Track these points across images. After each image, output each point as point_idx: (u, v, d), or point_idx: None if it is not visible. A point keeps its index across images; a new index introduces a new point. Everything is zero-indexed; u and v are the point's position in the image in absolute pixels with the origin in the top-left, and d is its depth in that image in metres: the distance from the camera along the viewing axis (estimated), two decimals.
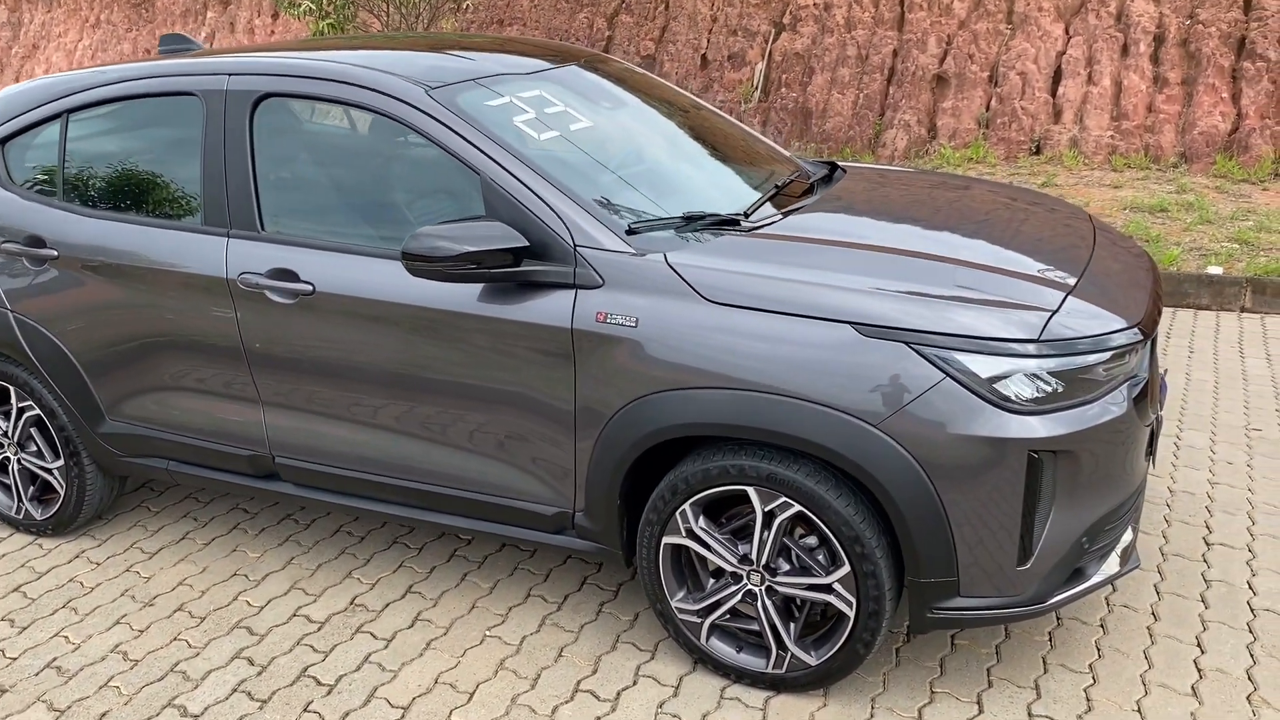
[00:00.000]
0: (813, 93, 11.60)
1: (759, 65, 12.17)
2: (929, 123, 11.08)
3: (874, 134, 11.19)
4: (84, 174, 3.56)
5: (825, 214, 3.28)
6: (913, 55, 11.34)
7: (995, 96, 10.77)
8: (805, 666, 2.88)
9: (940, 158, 10.52)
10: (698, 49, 12.37)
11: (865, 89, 11.44)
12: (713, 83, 12.16)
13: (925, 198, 3.58)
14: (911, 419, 2.58)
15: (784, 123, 11.64)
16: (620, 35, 12.77)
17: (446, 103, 3.07)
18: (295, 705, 2.97)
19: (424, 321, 3.02)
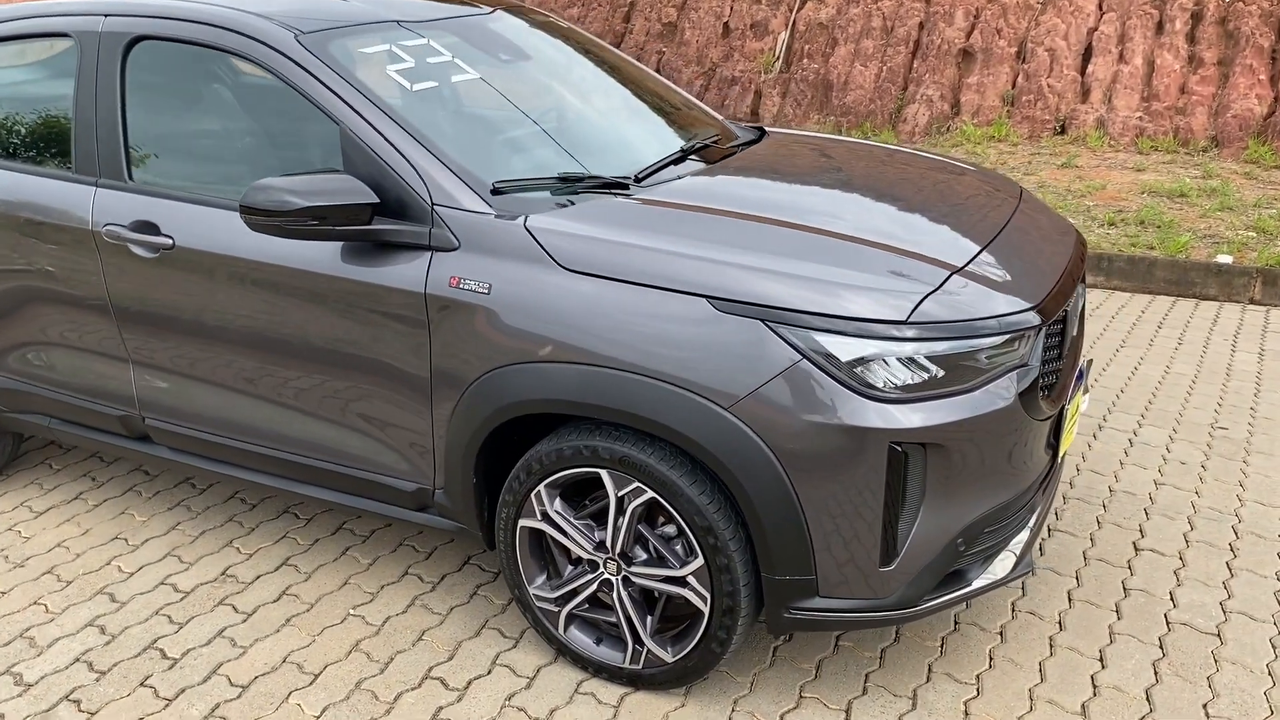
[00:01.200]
0: (834, 64, 11.27)
1: (782, 35, 11.85)
2: (952, 98, 10.73)
3: (895, 109, 10.85)
4: None
5: (722, 179, 3.07)
6: (939, 28, 10.97)
7: (1022, 73, 10.39)
8: (661, 663, 2.69)
9: (961, 135, 10.18)
10: (720, 16, 12.07)
11: (889, 62, 11.10)
12: (733, 51, 11.87)
13: (838, 167, 3.33)
14: (764, 403, 2.37)
15: (803, 94, 11.33)
16: (642, 1, 12.51)
17: (315, 48, 2.88)
18: (133, 679, 2.84)
19: (281, 281, 2.85)
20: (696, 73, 11.88)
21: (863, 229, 2.68)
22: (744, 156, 3.30)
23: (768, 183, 3.10)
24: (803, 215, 2.74)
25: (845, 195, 3.03)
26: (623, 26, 12.61)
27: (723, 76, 11.76)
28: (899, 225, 2.78)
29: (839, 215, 2.79)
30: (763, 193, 2.99)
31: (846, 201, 2.97)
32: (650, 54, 12.21)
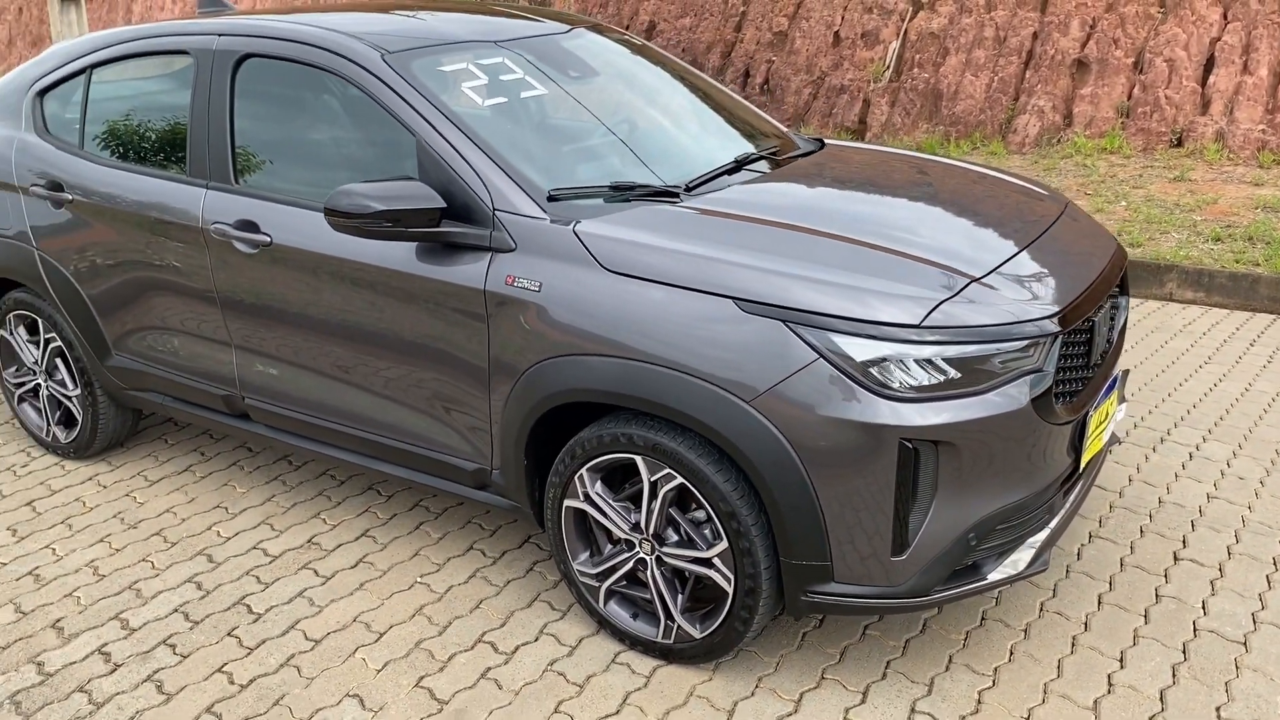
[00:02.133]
0: (945, 74, 11.24)
1: (893, 44, 11.86)
2: (1065, 109, 10.60)
3: (1006, 119, 10.78)
4: (98, 124, 3.85)
5: (766, 188, 3.25)
6: (1053, 38, 10.84)
7: (1138, 84, 10.21)
8: (691, 639, 2.89)
9: (1072, 146, 10.07)
10: (831, 25, 12.15)
11: (1000, 72, 11.02)
12: (843, 60, 11.93)
13: (880, 178, 3.48)
14: (783, 398, 2.55)
15: (912, 104, 11.33)
16: (754, 10, 12.68)
17: (398, 67, 3.18)
18: (221, 629, 3.18)
19: (362, 276, 3.15)
20: (805, 81, 11.99)
21: (891, 237, 2.84)
22: (793, 167, 3.48)
23: (808, 192, 3.27)
24: (834, 223, 2.91)
25: (881, 205, 3.18)
26: (734, 36, 12.79)
27: (831, 85, 11.84)
28: (929, 234, 2.91)
29: (870, 224, 2.94)
30: (801, 201, 3.17)
31: (881, 211, 3.12)
32: (759, 63, 12.36)
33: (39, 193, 3.91)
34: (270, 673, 2.98)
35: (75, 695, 2.91)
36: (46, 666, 3.03)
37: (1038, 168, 9.64)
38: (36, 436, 4.35)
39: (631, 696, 2.85)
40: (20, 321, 4.20)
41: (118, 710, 2.85)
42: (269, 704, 2.86)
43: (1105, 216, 7.68)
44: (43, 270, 3.94)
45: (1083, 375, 2.89)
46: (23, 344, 4.23)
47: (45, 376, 4.21)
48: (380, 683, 2.93)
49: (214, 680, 2.96)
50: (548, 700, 2.84)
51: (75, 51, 3.95)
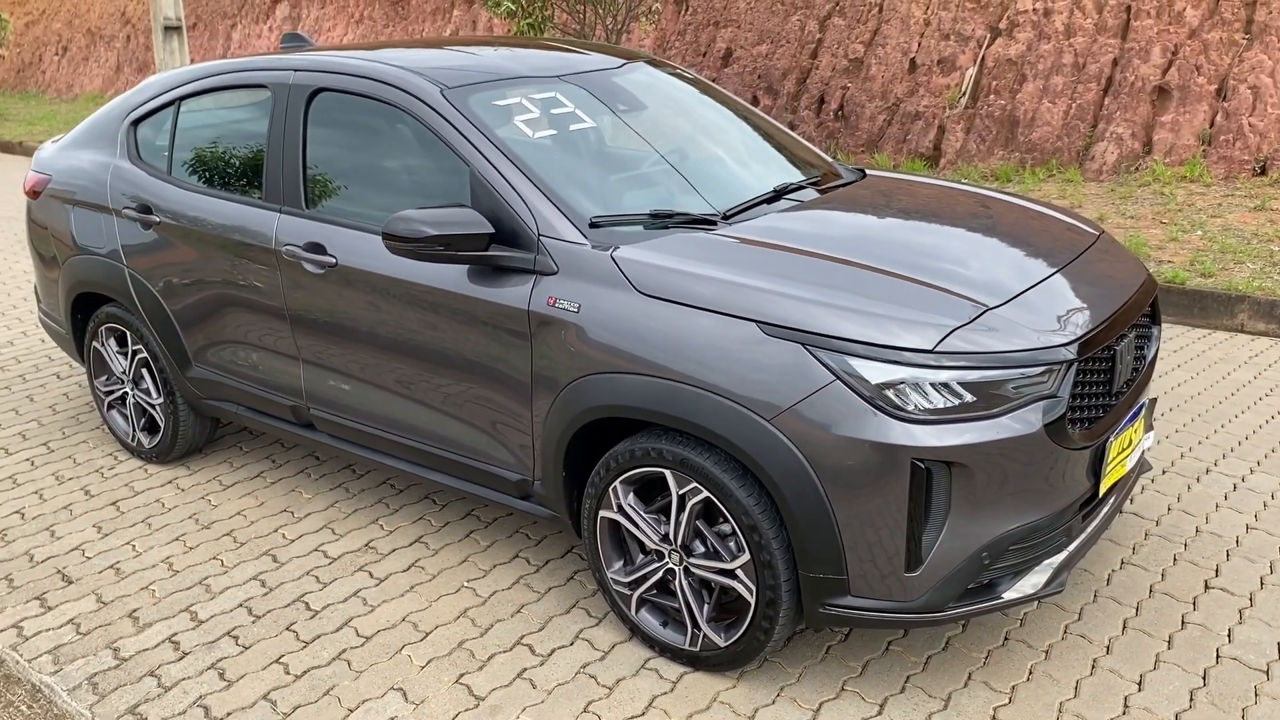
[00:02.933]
0: (1022, 101, 11.21)
1: (969, 70, 11.85)
2: (1144, 137, 10.49)
3: (1083, 146, 10.70)
4: (184, 152, 4.15)
5: (800, 217, 3.38)
6: (1134, 65, 10.75)
7: (1221, 111, 10.08)
8: (716, 647, 3.02)
9: (1150, 174, 9.96)
10: (907, 53, 12.18)
11: (1079, 99, 10.95)
12: (918, 87, 11.95)
13: (914, 208, 3.59)
14: (801, 417, 2.68)
15: (988, 130, 11.31)
16: (830, 38, 12.77)
17: (456, 101, 3.40)
18: (281, 624, 3.40)
19: (419, 296, 3.36)
20: (880, 108, 12.05)
21: (914, 266, 2.95)
22: (829, 197, 3.61)
23: (839, 221, 3.40)
24: (859, 252, 3.03)
25: (909, 234, 3.30)
26: (809, 63, 12.90)
27: (906, 112, 11.88)
28: (953, 263, 3.02)
29: (895, 252, 3.06)
30: (830, 230, 3.29)
31: (908, 240, 3.23)
32: (835, 89, 12.45)
33: (130, 215, 4.22)
34: (323, 665, 3.19)
35: (146, 679, 3.15)
36: (122, 652, 3.28)
37: (1114, 196, 9.58)
38: (123, 441, 4.67)
39: (658, 700, 2.99)
40: (111, 334, 4.52)
41: (183, 694, 3.08)
42: (320, 693, 3.06)
43: (1179, 246, 7.63)
44: (131, 287, 4.25)
45: (1104, 402, 2.96)
46: (113, 355, 4.55)
47: (132, 385, 4.52)
48: (423, 678, 3.11)
49: (271, 670, 3.17)
50: (578, 700, 3.00)
51: (167, 84, 4.27)
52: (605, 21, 11.19)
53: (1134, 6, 11.05)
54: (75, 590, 3.64)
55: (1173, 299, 6.63)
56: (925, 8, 12.43)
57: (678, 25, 14.37)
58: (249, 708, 3.01)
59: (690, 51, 13.99)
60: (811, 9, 13.24)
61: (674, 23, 14.50)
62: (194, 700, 3.05)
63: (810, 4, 13.28)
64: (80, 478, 4.49)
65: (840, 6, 12.96)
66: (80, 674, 3.19)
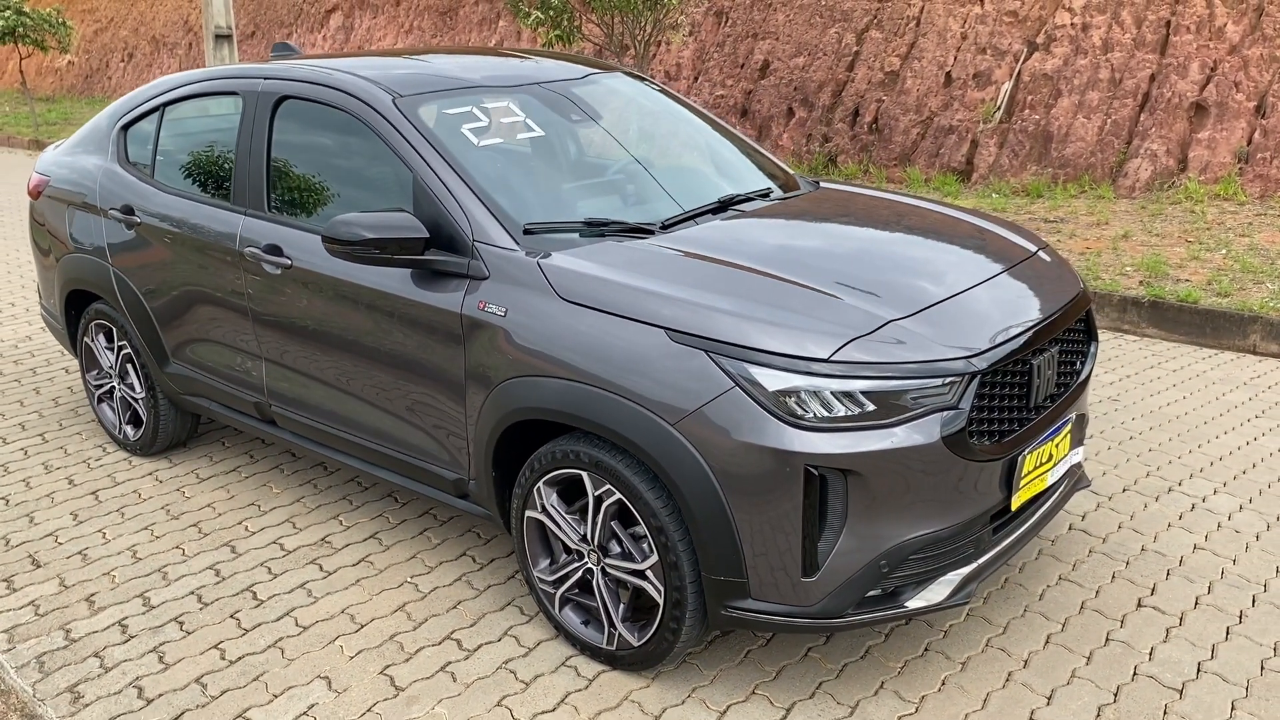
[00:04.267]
0: (1056, 116, 11.11)
1: (1005, 85, 11.77)
2: (1179, 154, 10.35)
3: (1117, 163, 10.58)
4: (165, 156, 4.32)
5: (734, 227, 3.43)
6: (1171, 81, 10.61)
7: (1260, 129, 9.90)
8: (630, 646, 3.08)
9: (1183, 192, 9.81)
10: (943, 66, 12.13)
11: (1114, 114, 10.83)
12: (953, 101, 11.90)
13: (854, 220, 3.63)
14: (702, 423, 2.74)
15: (1021, 145, 11.22)
16: (867, 51, 12.76)
17: (405, 109, 3.51)
18: (226, 611, 3.53)
19: (363, 298, 3.47)
20: (914, 121, 12.00)
21: (828, 278, 2.99)
22: (771, 208, 3.66)
23: (772, 232, 3.45)
24: (780, 262, 3.08)
25: (836, 246, 3.34)
26: (845, 75, 12.89)
27: (940, 126, 11.82)
28: (871, 274, 3.05)
29: (814, 263, 3.10)
30: (760, 240, 3.34)
31: (834, 252, 3.27)
32: (869, 102, 12.43)
33: (115, 215, 4.40)
34: (257, 652, 3.30)
35: (90, 659, 3.29)
36: (73, 633, 3.43)
37: (1144, 213, 9.46)
38: (111, 434, 4.85)
39: (571, 696, 3.05)
40: (100, 330, 4.70)
41: (121, 674, 3.21)
42: (249, 679, 3.17)
43: (1200, 265, 7.52)
44: (115, 284, 4.42)
45: (1018, 416, 2.97)
46: (101, 350, 4.74)
47: (118, 380, 4.70)
48: (350, 668, 3.21)
49: (208, 655, 3.30)
50: (493, 694, 3.07)
51: (153, 91, 4.44)
52: (634, 33, 11.29)
53: (1174, 22, 10.91)
54: (41, 574, 3.80)
55: (1184, 319, 6.55)
56: (963, 21, 12.37)
57: (717, 37, 14.45)
58: (180, 689, 3.13)
59: (728, 64, 14.06)
60: (849, 22, 13.24)
61: (713, 35, 14.57)
62: (130, 681, 3.18)
63: (848, 17, 13.28)
64: (67, 468, 4.67)
65: (878, 19, 12.95)
66: (30, 653, 3.33)
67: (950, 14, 12.33)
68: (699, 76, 14.31)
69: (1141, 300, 6.72)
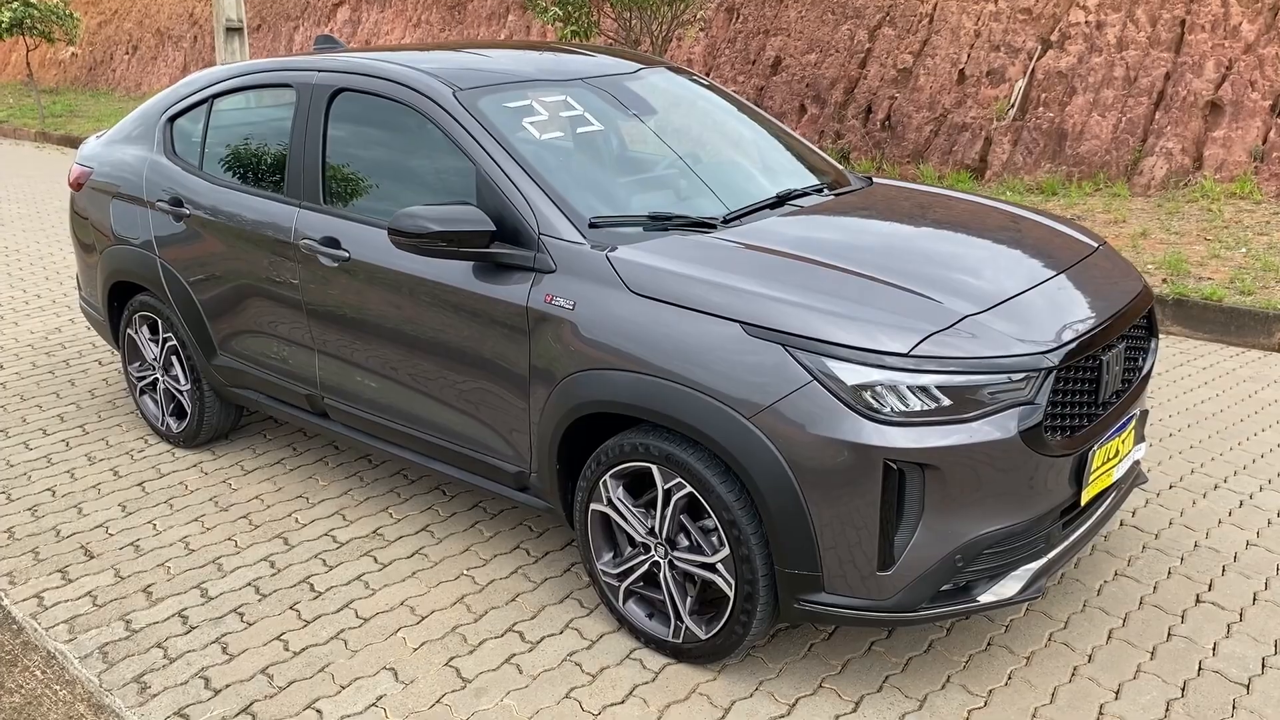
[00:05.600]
0: (1070, 114, 11.11)
1: (1019, 82, 11.77)
2: (1194, 152, 10.37)
3: (1132, 161, 10.59)
4: (215, 148, 4.31)
5: (796, 222, 3.44)
6: (1186, 79, 10.62)
7: (1275, 127, 9.92)
8: (697, 640, 3.09)
9: (1199, 190, 9.83)
10: (956, 64, 12.14)
11: (1129, 113, 10.84)
12: (966, 98, 11.90)
13: (912, 215, 3.65)
14: (779, 416, 2.75)
15: (1035, 143, 11.23)
16: (879, 47, 12.76)
17: (466, 103, 3.51)
18: (285, 602, 3.53)
19: (426, 291, 3.47)
20: (927, 118, 12.01)
21: (899, 272, 3.00)
22: (831, 203, 3.67)
23: (836, 227, 3.46)
24: (849, 257, 3.09)
25: (902, 241, 3.35)
26: (858, 72, 12.89)
27: (953, 123, 11.83)
28: (942, 270, 3.06)
29: (884, 258, 3.11)
30: (826, 235, 3.36)
31: (900, 246, 3.28)
32: (882, 99, 12.43)
33: (163, 207, 4.39)
34: (321, 644, 3.31)
35: (153, 650, 3.29)
36: (134, 624, 3.43)
37: (1160, 211, 9.48)
38: (153, 425, 4.85)
39: (638, 689, 3.06)
40: (144, 322, 4.70)
41: (186, 665, 3.21)
42: (315, 670, 3.18)
43: (1221, 263, 7.54)
44: (163, 276, 4.42)
45: (1088, 411, 2.99)
46: (145, 342, 4.73)
47: (162, 372, 4.70)
48: (415, 659, 3.22)
49: (271, 646, 3.30)
50: (561, 686, 3.08)
51: (201, 83, 4.44)
52: (651, 28, 11.29)
53: (1189, 20, 10.92)
54: (95, 565, 3.80)
55: (1208, 317, 6.57)
56: (976, 19, 12.37)
57: (728, 33, 14.44)
58: (247, 680, 3.14)
59: (740, 60, 14.05)
60: (862, 18, 13.23)
61: (724, 31, 14.56)
62: (196, 671, 3.18)
63: (860, 13, 13.27)
64: (111, 459, 4.67)
65: (891, 16, 12.95)
66: (93, 643, 3.34)
67: (964, 11, 12.33)
68: (710, 72, 14.30)
69: (1166, 298, 6.74)
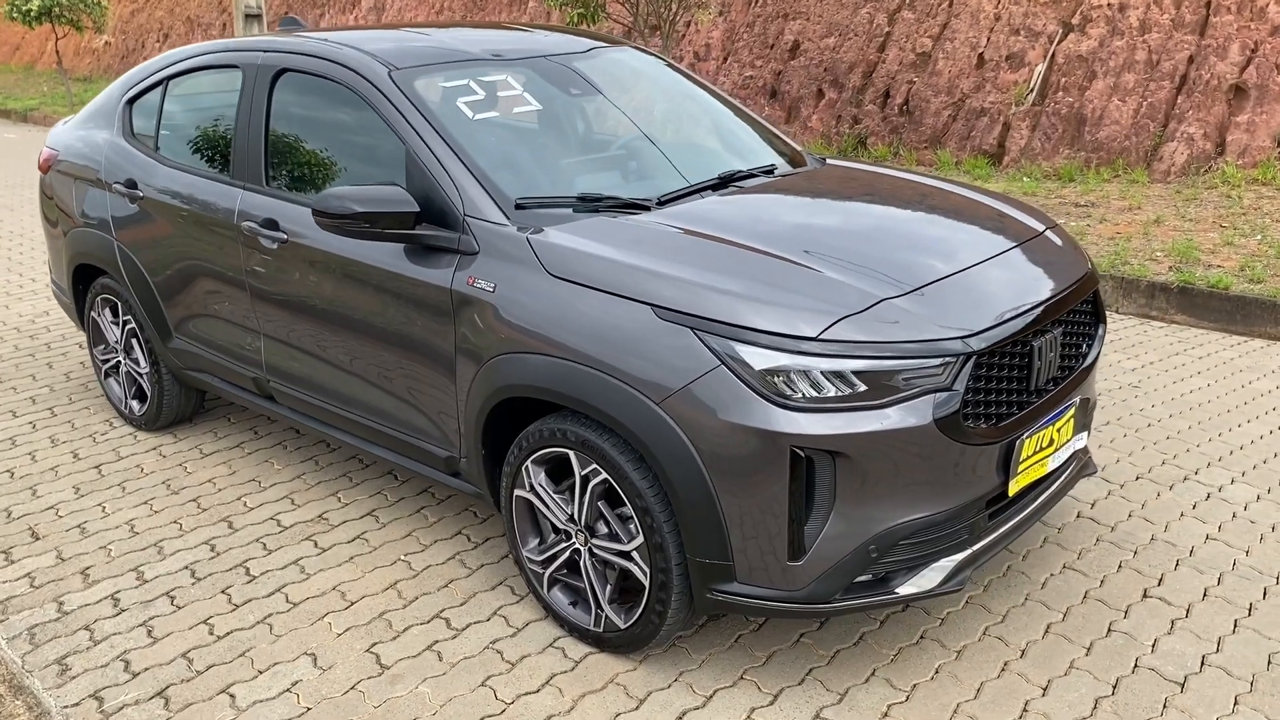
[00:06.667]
0: (1090, 98, 10.89)
1: (1039, 67, 11.55)
2: (1217, 137, 10.12)
3: (1152, 146, 10.35)
4: (168, 130, 4.30)
5: (731, 203, 3.36)
6: (1210, 62, 10.36)
7: None
8: (616, 629, 3.03)
9: (1220, 176, 9.58)
10: (975, 48, 11.92)
11: (1150, 97, 10.59)
12: (985, 83, 11.69)
13: (857, 197, 3.55)
14: (687, 402, 2.67)
15: (1054, 128, 11.01)
16: (898, 31, 12.56)
17: (401, 82, 3.46)
18: (218, 586, 3.51)
19: (357, 273, 3.43)
20: (945, 103, 11.81)
21: (822, 254, 2.91)
22: (772, 183, 3.58)
23: (770, 208, 3.36)
24: (771, 239, 3.00)
25: (835, 223, 3.26)
26: (876, 56, 12.71)
27: (971, 108, 11.63)
28: (868, 251, 2.97)
29: (810, 240, 3.02)
30: (757, 216, 3.26)
31: (832, 229, 3.19)
32: (900, 84, 12.24)
33: (119, 189, 4.39)
34: (246, 628, 3.29)
35: (80, 632, 3.28)
36: (65, 606, 3.43)
37: (1178, 198, 9.26)
38: (117, 408, 4.86)
39: (556, 678, 3.01)
40: (106, 305, 4.71)
41: (110, 648, 3.20)
42: (236, 654, 3.16)
43: (1233, 250, 7.34)
44: (119, 258, 4.42)
45: (1018, 399, 2.89)
46: (107, 325, 4.74)
47: (124, 355, 4.70)
48: (337, 645, 3.18)
49: (196, 630, 3.28)
50: (478, 674, 3.04)
51: (157, 65, 4.42)
52: (660, 11, 11.17)
53: (1214, 2, 10.65)
54: (40, 546, 3.80)
55: (1213, 305, 6.39)
56: (997, 2, 12.15)
57: (747, 17, 14.29)
58: (167, 664, 3.12)
59: (758, 44, 13.90)
60: (881, 2, 13.04)
61: (743, 15, 14.41)
62: (119, 654, 3.17)
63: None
64: (73, 442, 4.69)
65: (910, 0, 12.74)
66: (23, 624, 3.33)
67: None
68: (728, 57, 14.17)
69: (1170, 286, 6.56)
